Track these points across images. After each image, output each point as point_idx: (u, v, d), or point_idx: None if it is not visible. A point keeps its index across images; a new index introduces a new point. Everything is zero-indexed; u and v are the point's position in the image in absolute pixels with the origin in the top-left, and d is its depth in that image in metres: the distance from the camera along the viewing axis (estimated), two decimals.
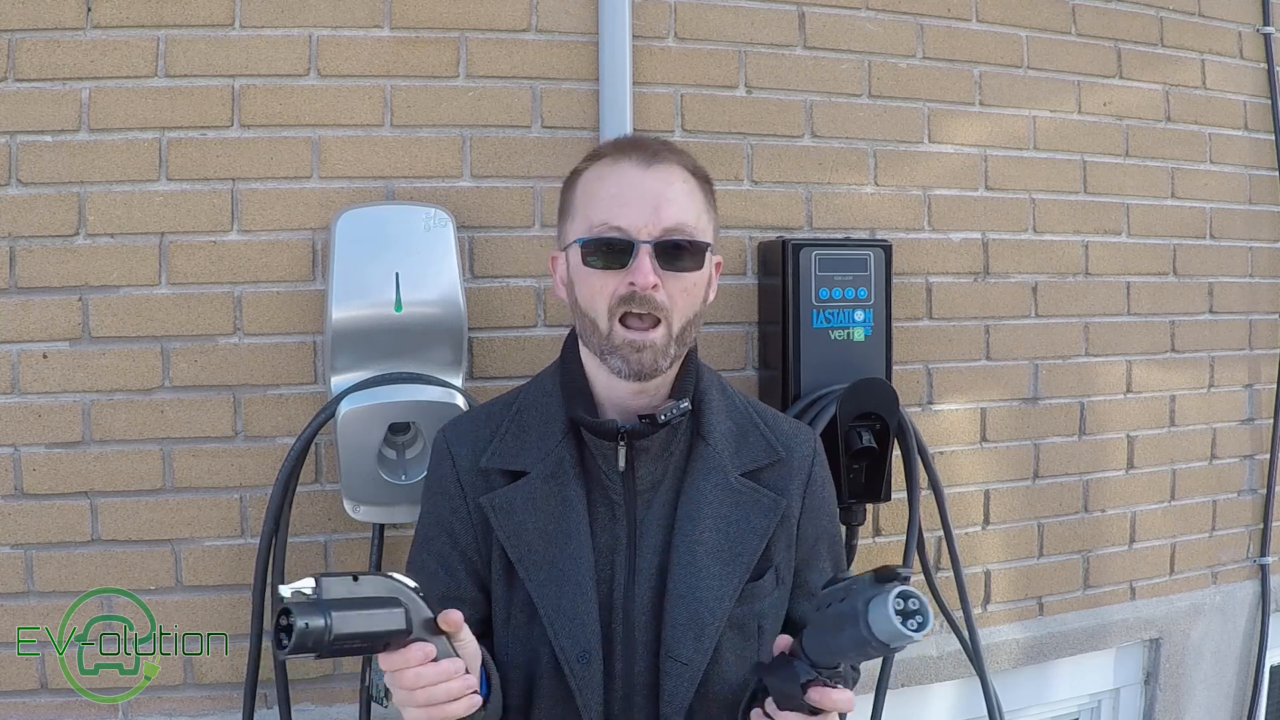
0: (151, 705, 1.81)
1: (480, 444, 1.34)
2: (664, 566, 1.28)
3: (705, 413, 1.34)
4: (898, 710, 2.15)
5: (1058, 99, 2.31)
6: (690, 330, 1.30)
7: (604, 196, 1.27)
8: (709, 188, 1.35)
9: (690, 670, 1.25)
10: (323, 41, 1.84)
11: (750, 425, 1.37)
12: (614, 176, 1.28)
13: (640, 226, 1.24)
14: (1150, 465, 2.44)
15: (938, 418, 2.20)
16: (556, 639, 1.24)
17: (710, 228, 1.33)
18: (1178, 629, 2.47)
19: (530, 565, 1.27)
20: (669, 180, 1.28)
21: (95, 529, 1.78)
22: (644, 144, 1.32)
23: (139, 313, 1.79)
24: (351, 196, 1.84)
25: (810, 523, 1.37)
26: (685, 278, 1.27)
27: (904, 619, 1.00)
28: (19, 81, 1.75)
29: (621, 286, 1.24)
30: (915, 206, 2.17)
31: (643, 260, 1.23)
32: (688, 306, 1.28)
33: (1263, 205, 2.58)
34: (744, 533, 1.30)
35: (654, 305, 1.24)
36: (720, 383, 1.40)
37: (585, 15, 1.94)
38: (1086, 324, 2.35)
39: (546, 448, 1.31)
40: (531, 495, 1.29)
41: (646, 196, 1.25)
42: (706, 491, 1.30)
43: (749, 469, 1.33)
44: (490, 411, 1.40)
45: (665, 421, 1.26)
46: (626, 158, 1.29)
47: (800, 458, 1.37)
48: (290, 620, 0.98)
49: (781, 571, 1.33)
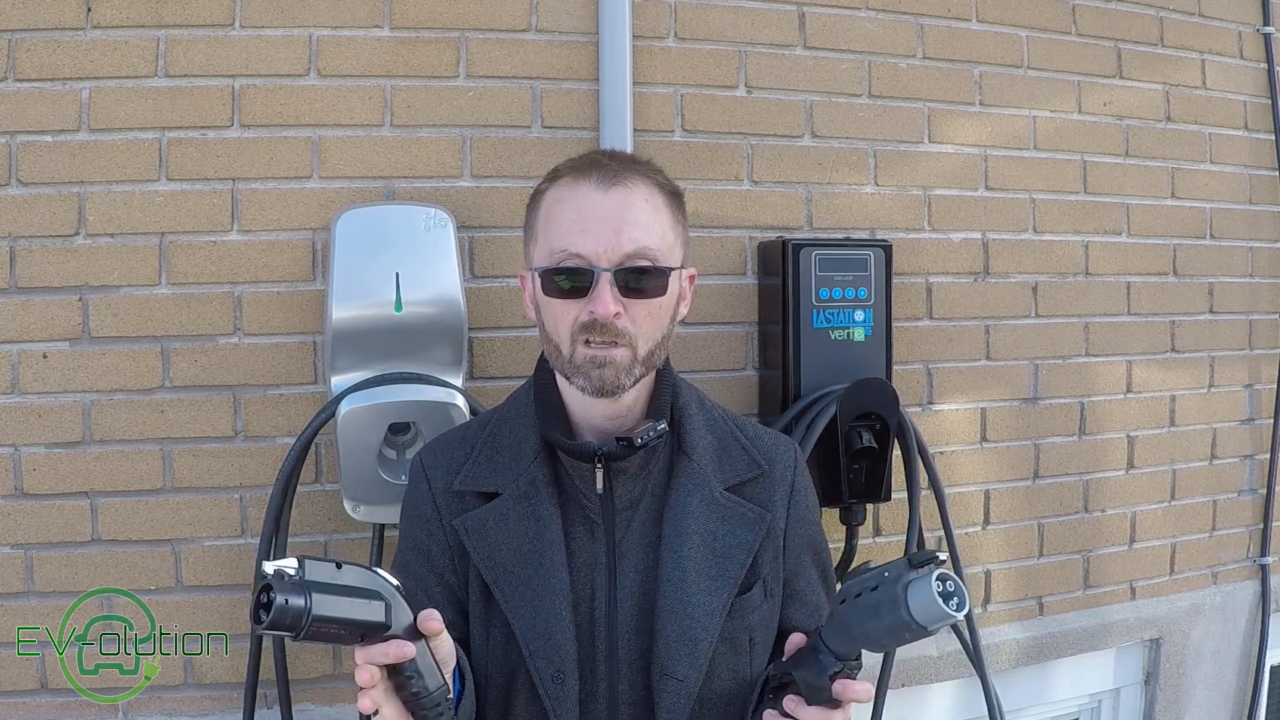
0: (151, 705, 1.81)
1: (455, 466, 1.33)
2: (649, 584, 1.27)
3: (686, 428, 1.33)
4: (898, 710, 2.15)
5: (1058, 99, 2.31)
6: (658, 351, 1.29)
7: (563, 222, 1.25)
8: (677, 201, 1.32)
9: (686, 686, 1.24)
10: (323, 41, 1.84)
11: (731, 439, 1.36)
12: (573, 200, 1.25)
13: (600, 254, 1.22)
14: (1150, 465, 2.44)
15: (938, 418, 2.20)
16: (531, 659, 1.23)
17: (678, 245, 1.30)
18: (1178, 629, 2.47)
19: (505, 586, 1.26)
20: (629, 202, 1.24)
21: (95, 529, 1.78)
22: (603, 164, 1.27)
23: (139, 313, 1.79)
24: (351, 196, 1.84)
25: (796, 533, 1.36)
26: (649, 303, 1.25)
27: (944, 600, 1.02)
28: (19, 81, 1.75)
29: (583, 314, 1.23)
30: (915, 206, 2.17)
31: (603, 290, 1.21)
32: (653, 330, 1.26)
33: (1263, 205, 2.58)
34: (730, 548, 1.29)
35: (615, 333, 1.23)
36: (699, 397, 1.39)
37: (585, 15, 1.94)
38: (1086, 324, 2.35)
39: (520, 468, 1.30)
40: (504, 515, 1.28)
41: (606, 221, 1.22)
42: (693, 507, 1.29)
43: (732, 483, 1.32)
44: (465, 433, 1.39)
45: (643, 444, 1.25)
46: (586, 179, 1.25)
47: (782, 469, 1.36)
48: (270, 596, 0.98)
49: (770, 584, 1.33)
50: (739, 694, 1.29)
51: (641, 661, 1.26)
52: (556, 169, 1.31)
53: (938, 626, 1.04)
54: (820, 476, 1.89)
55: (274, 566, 0.99)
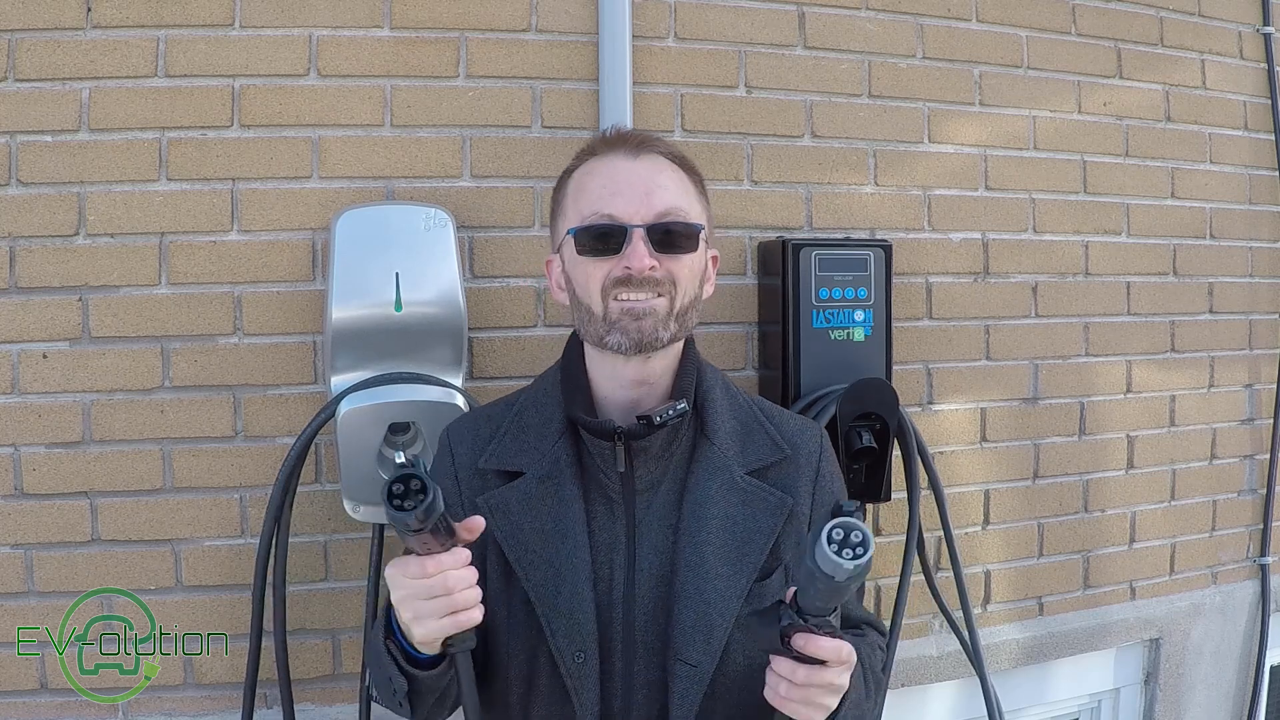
0: (151, 705, 1.81)
1: (480, 444, 1.35)
2: (667, 567, 1.28)
3: (709, 411, 1.34)
4: (898, 710, 2.15)
5: (1058, 99, 2.31)
6: (691, 312, 1.31)
7: (594, 188, 1.29)
8: (699, 180, 1.36)
9: (699, 672, 1.25)
10: (323, 41, 1.84)
11: (755, 423, 1.37)
12: (603, 168, 1.30)
13: (633, 212, 1.26)
14: (1150, 465, 2.44)
15: (938, 418, 2.20)
16: (553, 638, 1.24)
17: (703, 215, 1.34)
18: (1178, 629, 2.47)
19: (527, 564, 1.27)
20: (658, 168, 1.30)
21: (95, 529, 1.78)
22: (631, 136, 1.33)
23: (139, 313, 1.79)
24: (351, 196, 1.84)
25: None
26: (682, 259, 1.28)
27: (840, 549, 1.02)
28: (19, 81, 1.75)
29: (617, 269, 1.26)
30: (915, 206, 2.17)
31: (637, 244, 1.25)
32: (689, 284, 1.29)
33: (1263, 205, 2.58)
34: (751, 533, 1.29)
35: (655, 284, 1.26)
36: (724, 381, 1.40)
37: (585, 15, 1.94)
38: (1086, 324, 2.35)
39: (544, 448, 1.31)
40: (527, 495, 1.30)
41: (636, 184, 1.27)
42: (713, 491, 1.30)
43: (754, 467, 1.33)
44: (492, 412, 1.41)
45: (662, 423, 1.26)
46: (614, 151, 1.31)
47: (807, 454, 1.37)
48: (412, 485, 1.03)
49: (791, 570, 1.33)
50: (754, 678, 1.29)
51: (658, 643, 1.27)
52: (586, 147, 1.36)
53: (844, 578, 1.03)
54: None
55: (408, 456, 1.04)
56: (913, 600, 2.04)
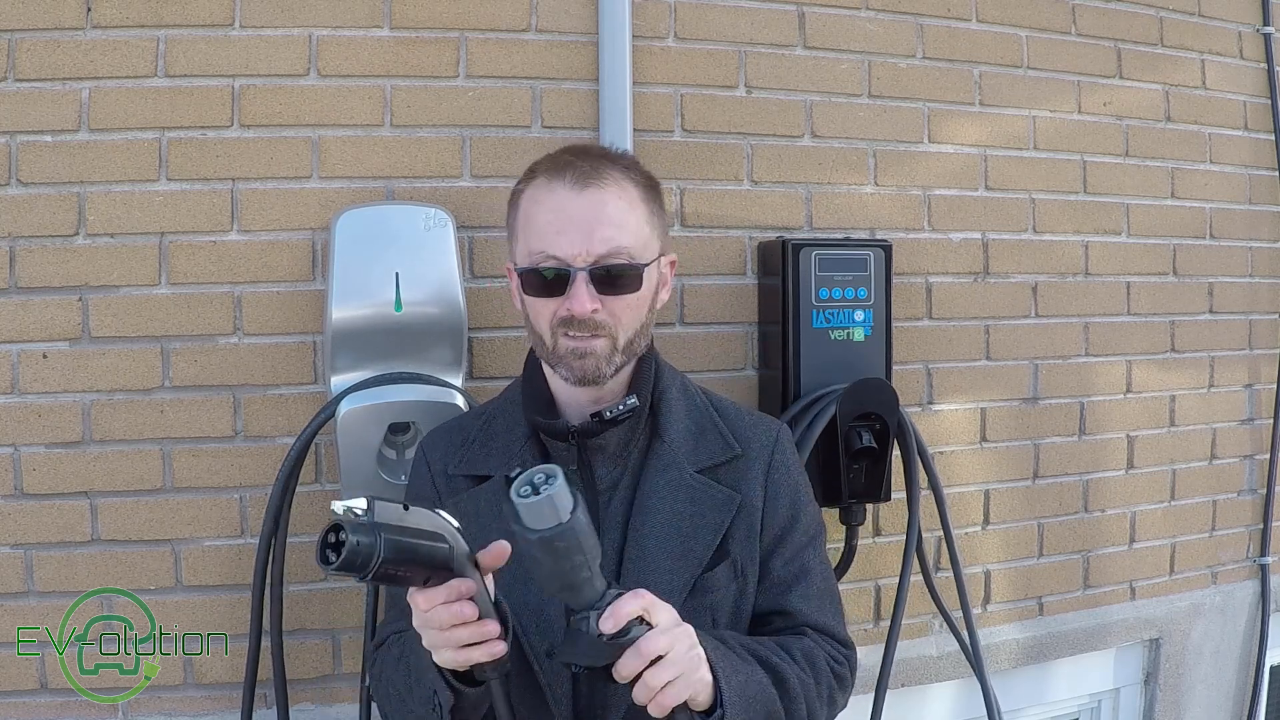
0: (151, 705, 1.81)
1: (451, 451, 1.40)
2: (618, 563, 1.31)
3: (663, 412, 1.37)
4: (898, 710, 2.15)
5: (1058, 99, 2.31)
6: (638, 340, 1.34)
7: (540, 224, 1.30)
8: (652, 193, 1.36)
9: None
10: (323, 41, 1.84)
11: (709, 423, 1.39)
12: (549, 201, 1.30)
13: (575, 254, 1.27)
14: (1150, 465, 2.44)
15: (938, 418, 2.20)
16: (524, 635, 1.27)
17: (655, 237, 1.34)
18: (1178, 629, 2.47)
19: None
20: (602, 201, 1.29)
21: (95, 529, 1.78)
22: (576, 164, 1.31)
23: (139, 313, 1.79)
24: (351, 196, 1.84)
25: (774, 509, 1.37)
26: (625, 299, 1.30)
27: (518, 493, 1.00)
28: (19, 81, 1.75)
29: (562, 310, 1.28)
30: (915, 206, 2.17)
31: (579, 287, 1.27)
32: (632, 320, 1.31)
33: (1263, 205, 2.58)
34: (697, 528, 1.32)
35: (595, 326, 1.28)
36: (682, 382, 1.43)
37: (585, 15, 1.94)
38: (1086, 324, 2.35)
39: (510, 452, 1.36)
40: (493, 497, 1.32)
41: (580, 223, 1.27)
42: (660, 488, 1.33)
43: (705, 465, 1.36)
44: (464, 422, 1.46)
45: (612, 418, 1.30)
46: (560, 179, 1.30)
47: (759, 449, 1.39)
48: (341, 536, 0.96)
49: (741, 563, 1.34)
50: None
51: None
52: (532, 167, 1.36)
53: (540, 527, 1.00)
54: (820, 476, 1.89)
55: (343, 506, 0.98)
56: (912, 600, 2.04)
